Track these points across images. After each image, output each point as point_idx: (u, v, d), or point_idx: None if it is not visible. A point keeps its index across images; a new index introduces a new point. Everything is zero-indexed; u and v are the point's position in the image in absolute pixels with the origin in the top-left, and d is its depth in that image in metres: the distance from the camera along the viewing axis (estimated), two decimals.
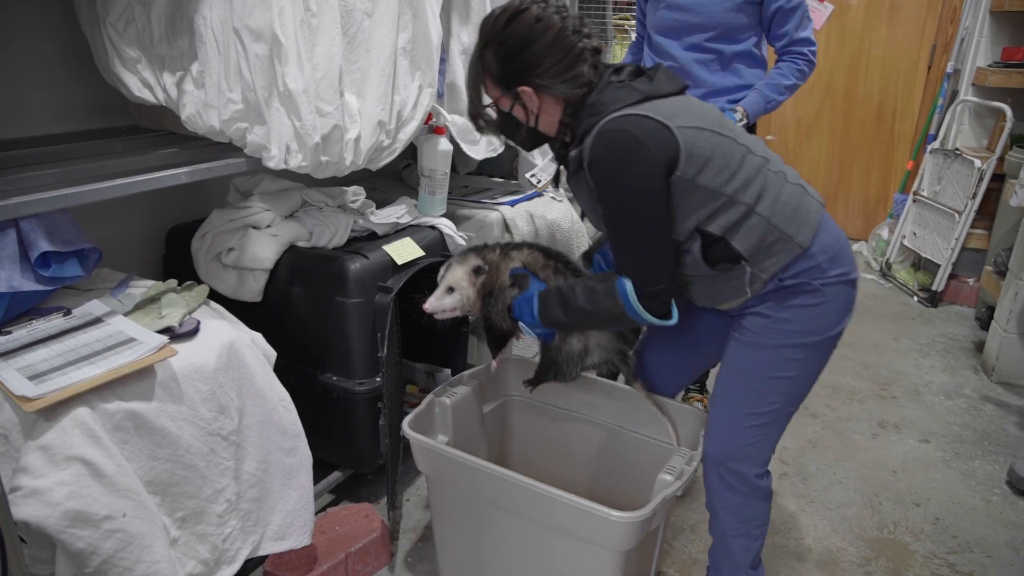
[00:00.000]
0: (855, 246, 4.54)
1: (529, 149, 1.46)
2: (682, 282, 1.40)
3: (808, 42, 2.02)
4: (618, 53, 3.00)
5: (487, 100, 1.37)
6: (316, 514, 1.80)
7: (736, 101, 2.06)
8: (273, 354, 1.49)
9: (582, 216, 1.53)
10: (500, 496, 1.39)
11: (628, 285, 1.29)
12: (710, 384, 2.67)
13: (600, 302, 1.33)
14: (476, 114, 1.39)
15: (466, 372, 1.75)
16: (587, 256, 1.64)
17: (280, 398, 1.47)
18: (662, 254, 1.28)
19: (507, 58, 1.29)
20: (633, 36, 3.01)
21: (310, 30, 1.44)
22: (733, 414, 1.41)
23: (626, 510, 1.26)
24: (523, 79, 1.30)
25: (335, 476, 1.96)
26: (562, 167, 1.44)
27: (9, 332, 1.31)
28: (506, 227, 2.26)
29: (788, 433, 2.40)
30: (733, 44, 2.04)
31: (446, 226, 2.07)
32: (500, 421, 1.84)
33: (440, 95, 2.10)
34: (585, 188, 1.34)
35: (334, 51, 1.48)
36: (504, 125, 1.40)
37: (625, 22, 3.02)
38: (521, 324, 1.49)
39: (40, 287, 1.34)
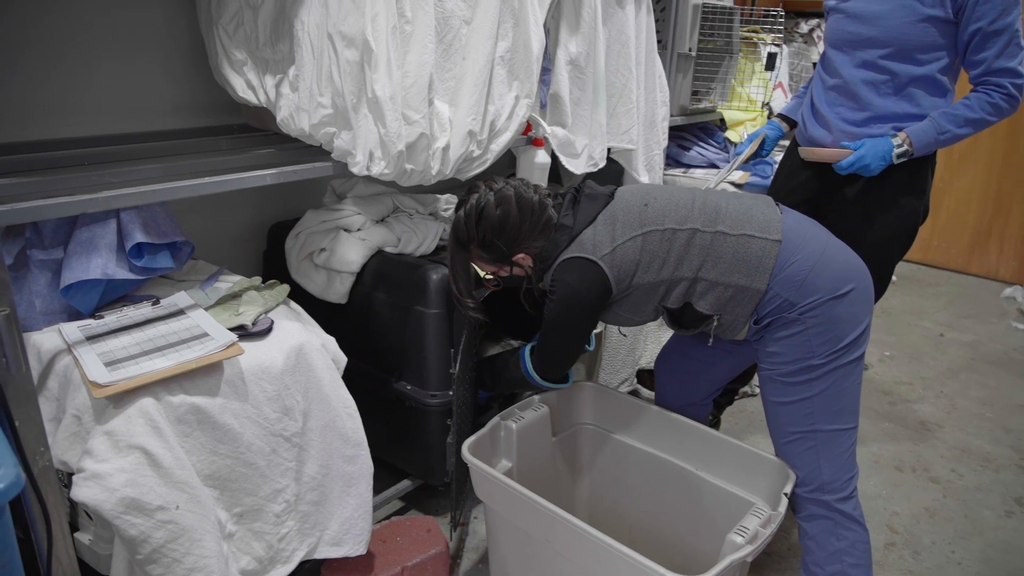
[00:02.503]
0: (1008, 290, 4.05)
1: (539, 295, 1.61)
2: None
3: (1012, 73, 1.68)
4: (743, 66, 2.82)
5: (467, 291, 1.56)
6: (380, 521, 1.80)
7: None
8: (343, 360, 1.49)
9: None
10: (553, 536, 1.31)
11: (531, 366, 1.58)
12: None
13: (511, 371, 1.63)
14: (464, 306, 1.56)
15: (537, 396, 1.69)
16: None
17: (345, 405, 1.46)
18: (566, 363, 1.59)
19: (493, 246, 1.48)
20: (762, 49, 2.83)
21: (403, 37, 1.42)
22: (780, 446, 1.49)
23: (693, 565, 1.15)
24: (514, 251, 1.49)
25: (405, 484, 1.95)
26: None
27: (101, 317, 1.38)
28: None
29: (902, 497, 2.16)
30: (912, 65, 1.75)
31: None
32: (571, 450, 1.76)
33: (543, 106, 2.05)
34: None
35: (426, 58, 1.45)
36: (508, 285, 1.60)
37: (754, 35, 2.84)
38: None
39: (132, 276, 1.40)
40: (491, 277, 1.57)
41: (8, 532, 0.91)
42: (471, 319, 1.61)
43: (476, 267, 1.56)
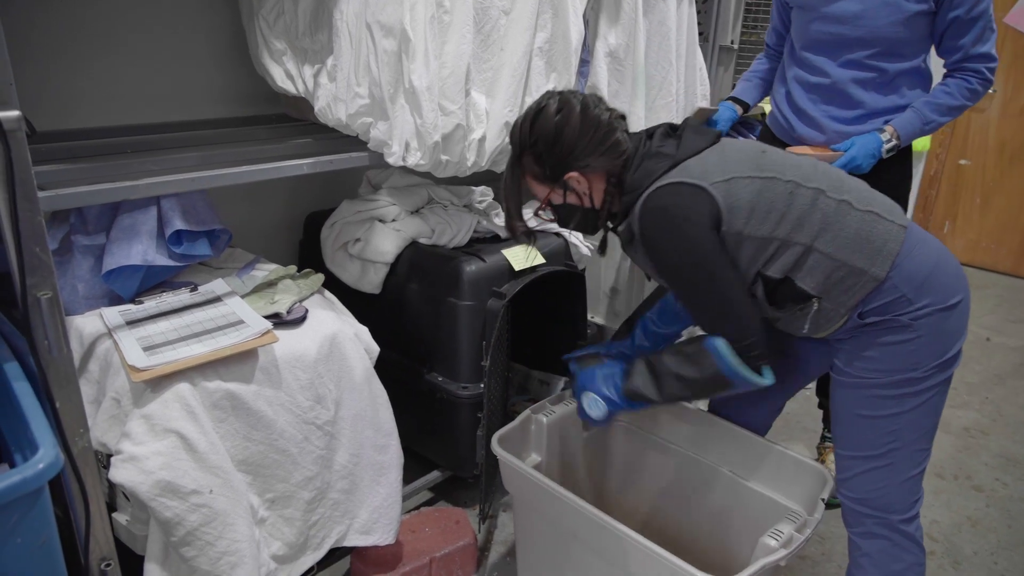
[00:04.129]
0: None
1: (589, 232, 1.44)
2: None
3: (987, 58, 1.70)
4: None
5: (526, 214, 1.40)
6: (409, 511, 1.81)
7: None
8: (376, 350, 1.49)
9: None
10: (581, 531, 1.30)
11: (721, 342, 1.22)
12: None
13: (693, 366, 1.26)
14: (513, 227, 1.40)
15: (569, 390, 1.66)
16: (628, 324, 1.62)
17: (377, 394, 1.47)
18: (744, 305, 1.23)
19: (545, 156, 1.30)
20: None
21: (441, 27, 1.42)
22: (850, 461, 1.34)
23: (725, 567, 1.13)
24: (567, 166, 1.30)
25: (434, 475, 1.95)
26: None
27: (141, 302, 1.41)
28: None
29: (942, 505, 2.10)
30: (900, 61, 1.74)
31: (572, 234, 1.99)
32: (602, 446, 1.73)
33: None
34: (643, 257, 1.34)
35: (463, 49, 1.45)
36: (562, 217, 1.41)
37: None
38: (587, 403, 1.39)
39: (171, 263, 1.42)
40: (543, 207, 1.39)
41: (47, 510, 0.93)
42: (521, 239, 1.42)
43: (531, 189, 1.37)
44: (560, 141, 1.28)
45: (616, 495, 1.75)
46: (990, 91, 3.64)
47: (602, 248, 1.47)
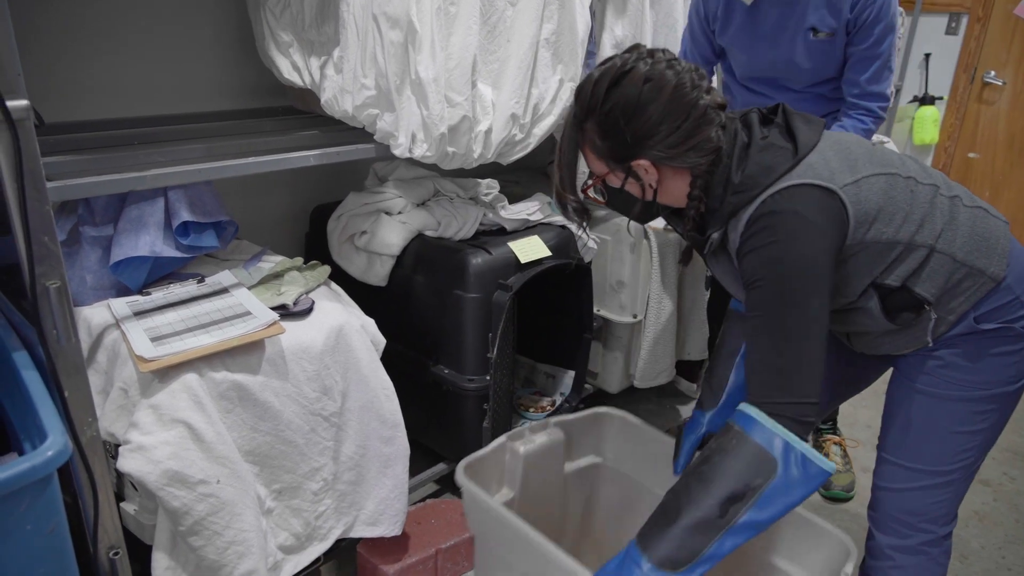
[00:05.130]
0: None
1: (643, 222, 1.28)
2: (842, 332, 1.25)
3: (880, 96, 1.75)
4: None
5: (583, 182, 1.19)
6: (416, 503, 1.81)
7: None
8: (382, 341, 1.49)
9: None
10: None
11: (753, 409, 1.01)
12: (850, 427, 2.40)
13: (719, 469, 0.99)
14: (563, 200, 1.19)
15: (553, 418, 1.47)
16: (709, 383, 1.37)
17: (383, 386, 1.47)
18: (818, 358, 1.02)
19: (614, 130, 1.08)
20: None
21: (447, 18, 1.41)
22: (912, 474, 1.21)
23: None
24: (637, 152, 1.09)
25: (440, 467, 1.96)
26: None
27: (149, 293, 1.41)
28: (644, 233, 2.14)
29: None
30: (836, 82, 1.83)
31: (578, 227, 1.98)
32: (586, 485, 1.51)
33: None
34: (730, 271, 1.16)
35: (470, 40, 1.44)
36: (613, 201, 1.21)
37: None
38: None
39: (179, 254, 1.43)
40: (591, 185, 1.19)
41: (56, 498, 0.94)
42: (571, 216, 1.23)
43: (585, 160, 1.17)
44: (639, 118, 1.06)
45: (598, 540, 1.56)
46: (999, 83, 3.62)
47: (686, 257, 1.28)
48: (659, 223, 1.43)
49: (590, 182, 1.18)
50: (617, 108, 1.07)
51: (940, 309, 1.12)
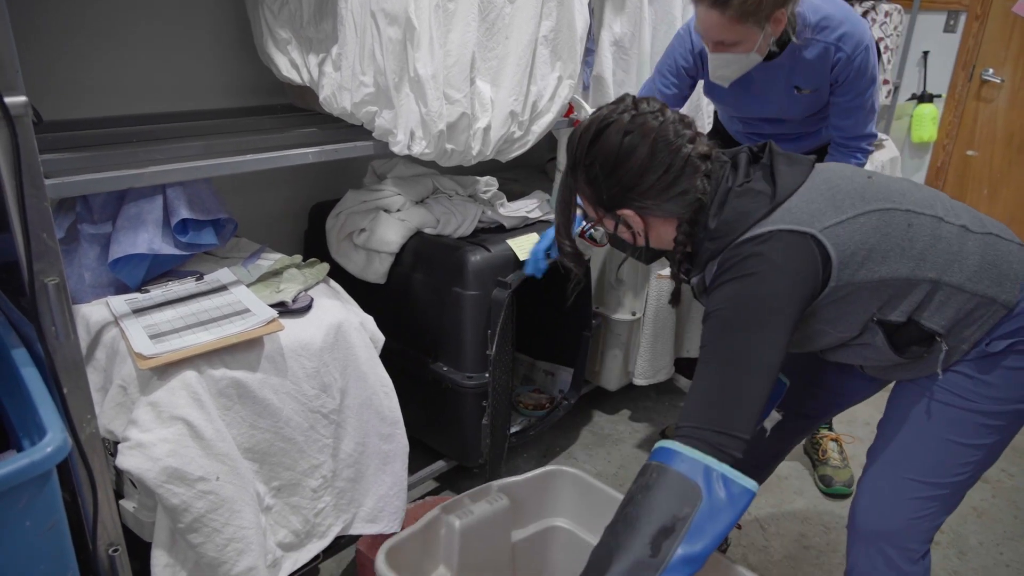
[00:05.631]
0: None
1: (647, 263, 1.29)
2: (851, 362, 1.24)
3: (866, 138, 1.78)
4: None
5: (578, 228, 1.21)
6: (415, 500, 1.81)
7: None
8: (381, 339, 1.50)
9: None
10: None
11: (667, 441, 1.00)
12: (848, 424, 2.40)
13: (643, 507, 0.97)
14: (560, 246, 1.23)
15: (496, 483, 1.38)
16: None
17: (382, 384, 1.47)
18: (758, 396, 0.99)
19: (598, 181, 1.10)
20: None
21: (446, 15, 1.41)
22: (902, 483, 1.18)
23: None
24: (620, 201, 1.11)
25: (439, 465, 1.96)
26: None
27: (147, 291, 1.41)
28: None
29: None
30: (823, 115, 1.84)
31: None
32: (538, 553, 1.41)
33: (585, 87, 2.02)
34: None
35: (468, 37, 1.44)
36: (615, 242, 1.24)
37: None
38: None
39: (177, 252, 1.42)
40: (591, 228, 1.22)
41: (56, 495, 0.94)
42: (566, 264, 1.26)
43: (582, 205, 1.20)
44: (620, 170, 1.08)
45: None
46: (997, 81, 3.62)
47: (675, 298, 1.28)
48: None
49: (586, 226, 1.21)
50: (599, 160, 1.09)
51: (952, 339, 1.10)
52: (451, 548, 1.25)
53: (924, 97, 3.73)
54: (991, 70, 3.64)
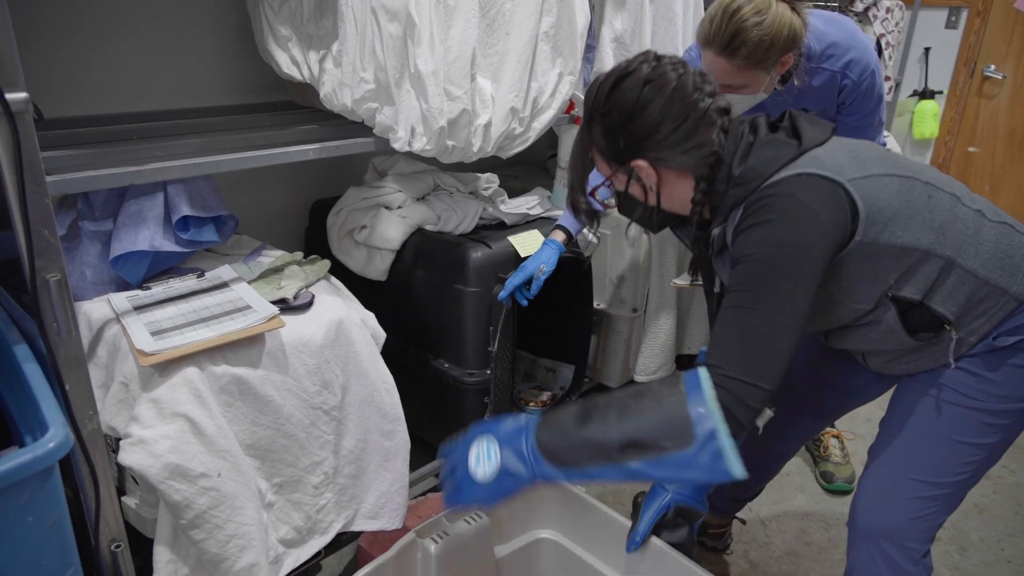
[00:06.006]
0: None
1: (656, 231, 1.26)
2: (858, 352, 1.23)
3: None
4: None
5: (594, 183, 1.19)
6: (417, 497, 1.81)
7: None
8: (382, 335, 1.50)
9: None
10: None
11: (704, 372, 0.96)
12: (850, 420, 2.40)
13: (642, 413, 0.97)
14: (575, 202, 1.21)
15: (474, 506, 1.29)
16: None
17: (383, 380, 1.47)
18: (787, 348, 0.96)
19: (614, 131, 1.09)
20: None
21: (446, 11, 1.41)
22: (904, 482, 1.17)
23: None
24: (635, 151, 1.09)
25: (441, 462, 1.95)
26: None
27: (149, 288, 1.41)
28: None
29: None
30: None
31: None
32: (524, 568, 1.37)
33: (586, 84, 2.02)
34: (728, 261, 1.13)
35: (469, 33, 1.44)
36: (622, 205, 1.20)
37: None
38: (475, 457, 1.10)
39: (178, 249, 1.43)
40: (598, 188, 1.20)
41: (58, 491, 0.94)
42: (582, 218, 1.25)
43: (596, 163, 1.18)
44: (637, 119, 1.06)
45: None
46: (999, 77, 3.61)
47: (693, 268, 1.26)
48: None
49: (602, 183, 1.18)
50: (617, 109, 1.08)
51: (961, 329, 1.09)
52: (428, 574, 1.20)
53: (925, 93, 3.73)
54: (992, 66, 3.63)
